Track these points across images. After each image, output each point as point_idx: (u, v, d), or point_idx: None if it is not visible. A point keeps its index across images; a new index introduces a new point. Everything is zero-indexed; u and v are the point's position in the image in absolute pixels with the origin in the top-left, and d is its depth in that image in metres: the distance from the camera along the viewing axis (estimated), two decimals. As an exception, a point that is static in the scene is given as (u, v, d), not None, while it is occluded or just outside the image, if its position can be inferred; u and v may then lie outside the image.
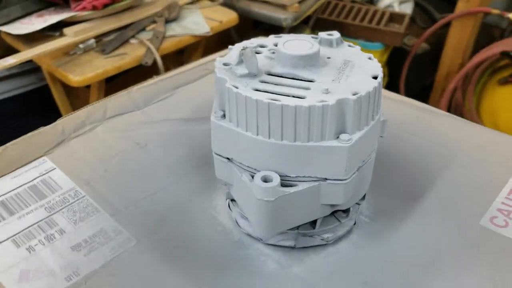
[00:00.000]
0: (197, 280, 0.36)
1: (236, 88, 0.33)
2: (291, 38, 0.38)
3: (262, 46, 0.39)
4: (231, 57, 0.37)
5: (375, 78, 0.35)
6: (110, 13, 1.05)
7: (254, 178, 0.33)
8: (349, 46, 0.40)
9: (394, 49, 1.66)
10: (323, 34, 0.40)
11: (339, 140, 0.33)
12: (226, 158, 0.37)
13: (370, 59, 0.38)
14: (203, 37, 1.13)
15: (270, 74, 0.35)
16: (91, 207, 0.41)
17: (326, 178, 0.34)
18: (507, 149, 0.49)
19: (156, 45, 1.03)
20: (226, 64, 0.36)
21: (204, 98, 0.55)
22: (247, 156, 0.35)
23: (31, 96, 1.32)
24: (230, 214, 0.41)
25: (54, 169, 0.44)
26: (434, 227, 0.41)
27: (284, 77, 0.35)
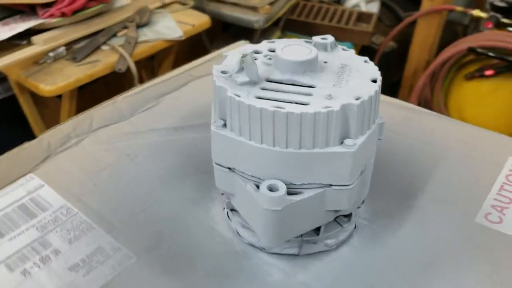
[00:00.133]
0: (204, 295, 0.35)
1: (238, 97, 0.33)
2: (288, 44, 0.38)
3: (257, 52, 0.39)
4: (228, 65, 0.37)
5: (374, 82, 0.35)
6: (80, 20, 1.02)
7: (260, 188, 0.33)
8: (343, 50, 0.40)
9: (363, 48, 1.68)
10: (317, 38, 0.40)
11: (344, 146, 0.33)
12: (228, 168, 0.36)
13: (366, 62, 0.38)
14: (176, 42, 1.12)
15: (270, 81, 0.35)
16: (85, 224, 0.39)
17: (331, 184, 0.34)
18: (491, 145, 0.50)
19: (129, 51, 1.01)
20: (224, 72, 0.36)
21: (191, 106, 0.54)
22: (251, 165, 0.34)
23: (-3, 107, 1.27)
24: (229, 224, 0.41)
25: (43, 186, 0.42)
26: (431, 227, 0.41)
27: (284, 84, 0.35)
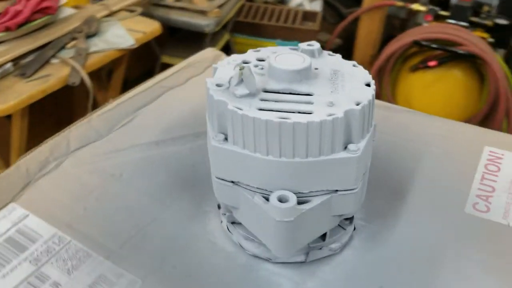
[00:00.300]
0: (217, 312, 0.35)
1: (241, 110, 0.32)
2: (277, 52, 0.38)
3: (246, 62, 0.39)
4: (221, 77, 0.36)
5: (368, 85, 0.36)
6: (25, 33, 0.98)
7: (270, 200, 0.33)
8: (329, 55, 0.40)
9: (310, 46, 1.71)
10: (304, 45, 0.40)
11: (348, 151, 0.33)
12: (231, 182, 0.35)
13: (355, 66, 0.39)
14: (128, 50, 1.09)
15: (267, 91, 0.35)
16: (82, 252, 0.38)
17: (337, 190, 0.35)
18: (466, 137, 0.52)
19: (81, 63, 0.98)
20: (219, 85, 0.35)
21: (168, 118, 0.53)
22: (257, 178, 0.34)
23: None
24: (230, 238, 0.40)
25: (28, 216, 0.40)
26: (425, 222, 0.42)
27: (281, 93, 0.35)
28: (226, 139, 0.34)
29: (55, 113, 1.23)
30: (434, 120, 0.55)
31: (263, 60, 0.39)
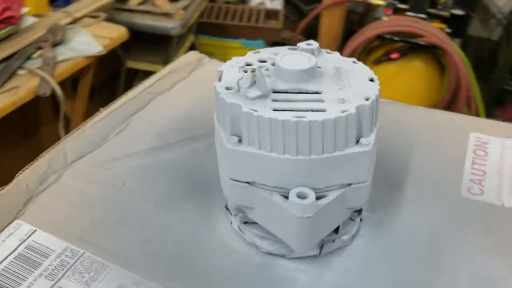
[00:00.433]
0: (241, 312, 0.35)
1: (256, 111, 0.33)
2: (280, 53, 0.38)
3: (248, 64, 0.39)
4: (228, 80, 0.37)
5: (372, 81, 0.37)
6: (-11, 45, 0.94)
7: (290, 197, 0.33)
8: (328, 53, 0.41)
9: (274, 44, 1.72)
10: (303, 45, 0.41)
11: (360, 145, 0.35)
12: (246, 183, 0.36)
13: (355, 63, 0.40)
14: (95, 57, 1.07)
15: (276, 92, 0.36)
16: (97, 264, 0.37)
17: (351, 184, 0.36)
18: (452, 125, 0.55)
19: (50, 73, 0.95)
20: (229, 88, 0.36)
21: (161, 123, 0.53)
22: (274, 177, 0.35)
23: None
24: (242, 238, 0.41)
25: (35, 231, 0.39)
26: (425, 209, 0.44)
27: (290, 93, 0.36)
28: (240, 141, 0.35)
29: (22, 126, 1.19)
30: (420, 111, 0.57)
31: (265, 62, 0.40)
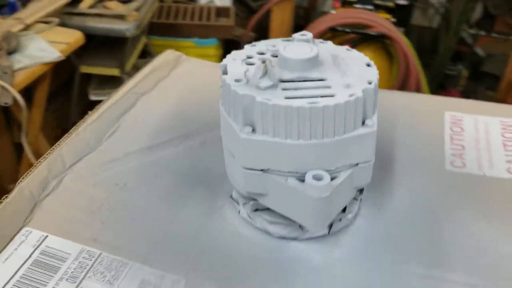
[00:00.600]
0: (265, 294, 0.37)
1: (270, 101, 0.34)
2: (282, 44, 0.40)
3: (249, 57, 0.41)
4: (234, 73, 0.38)
5: (369, 66, 0.39)
6: None
7: (306, 180, 0.35)
8: (321, 43, 0.43)
9: (226, 42, 1.74)
10: (298, 35, 0.42)
11: (366, 126, 0.37)
12: (260, 170, 0.37)
13: (349, 50, 0.42)
14: (53, 64, 1.04)
15: (283, 81, 0.37)
16: (117, 262, 0.37)
17: (358, 163, 0.38)
18: (428, 105, 0.58)
19: (9, 82, 0.92)
20: (238, 81, 0.37)
21: (152, 122, 0.53)
22: (288, 162, 0.36)
23: None
24: (252, 226, 0.42)
25: (47, 237, 0.39)
26: (417, 183, 0.47)
27: (296, 81, 0.37)
28: (254, 131, 0.36)
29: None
30: (395, 94, 0.61)
31: (264, 54, 0.41)
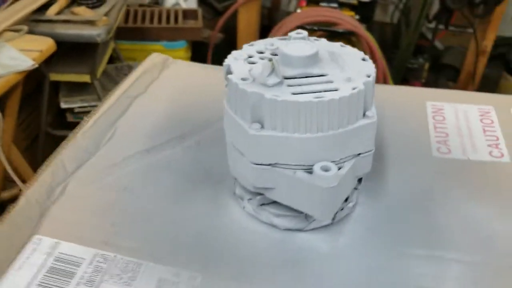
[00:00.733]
0: (281, 285, 0.38)
1: (279, 97, 0.36)
2: (280, 42, 0.41)
3: (250, 56, 0.42)
4: (239, 72, 0.39)
5: (364, 60, 0.41)
6: None
7: (315, 171, 0.37)
8: (315, 40, 0.45)
9: (194, 44, 1.74)
10: (294, 34, 0.44)
11: (367, 118, 0.39)
12: (268, 165, 0.39)
13: (343, 46, 0.44)
14: (27, 72, 1.02)
15: (287, 78, 0.39)
16: (132, 264, 0.38)
17: (360, 153, 0.40)
18: (409, 97, 0.61)
19: (-19, 92, 0.90)
20: (244, 79, 0.38)
21: (147, 125, 0.54)
22: (296, 155, 0.38)
23: None
24: (258, 220, 0.43)
25: (59, 243, 0.39)
26: (408, 170, 0.49)
27: (299, 78, 0.39)
28: (262, 127, 0.37)
29: None
30: (377, 87, 0.62)
31: (263, 53, 0.42)
